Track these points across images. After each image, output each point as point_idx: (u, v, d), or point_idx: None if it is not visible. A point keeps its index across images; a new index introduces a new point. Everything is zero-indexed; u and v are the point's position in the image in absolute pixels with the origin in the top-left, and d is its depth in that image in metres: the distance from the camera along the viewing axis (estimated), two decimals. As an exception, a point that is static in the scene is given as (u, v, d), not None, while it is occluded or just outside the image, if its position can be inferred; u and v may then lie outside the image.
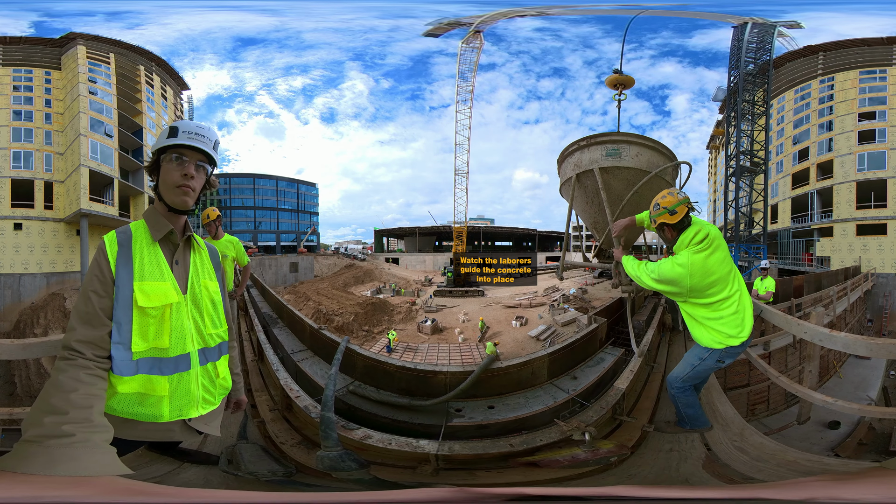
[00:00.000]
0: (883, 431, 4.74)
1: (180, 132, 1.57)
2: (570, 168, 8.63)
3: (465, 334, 19.29)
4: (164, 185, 1.56)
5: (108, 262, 1.45)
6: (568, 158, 8.75)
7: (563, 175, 9.08)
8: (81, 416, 1.12)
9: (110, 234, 1.53)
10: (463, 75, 36.72)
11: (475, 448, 2.32)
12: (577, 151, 8.44)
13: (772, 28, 24.93)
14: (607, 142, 8.04)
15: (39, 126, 26.44)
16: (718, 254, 2.62)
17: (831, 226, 26.30)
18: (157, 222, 1.58)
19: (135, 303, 1.45)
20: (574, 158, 8.50)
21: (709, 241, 2.60)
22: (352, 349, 3.73)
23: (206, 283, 1.68)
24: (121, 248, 1.49)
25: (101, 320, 1.39)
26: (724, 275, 2.62)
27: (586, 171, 8.19)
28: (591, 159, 8.12)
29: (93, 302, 1.39)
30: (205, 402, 1.64)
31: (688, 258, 2.58)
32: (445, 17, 32.51)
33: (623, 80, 12.35)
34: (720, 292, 2.61)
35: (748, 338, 2.64)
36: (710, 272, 2.58)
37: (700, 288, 2.58)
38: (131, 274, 1.47)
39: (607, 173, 7.99)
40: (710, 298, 2.61)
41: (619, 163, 7.93)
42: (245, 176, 52.80)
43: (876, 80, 26.04)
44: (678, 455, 2.45)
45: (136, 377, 1.45)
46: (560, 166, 9.25)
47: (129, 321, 1.44)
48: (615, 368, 3.98)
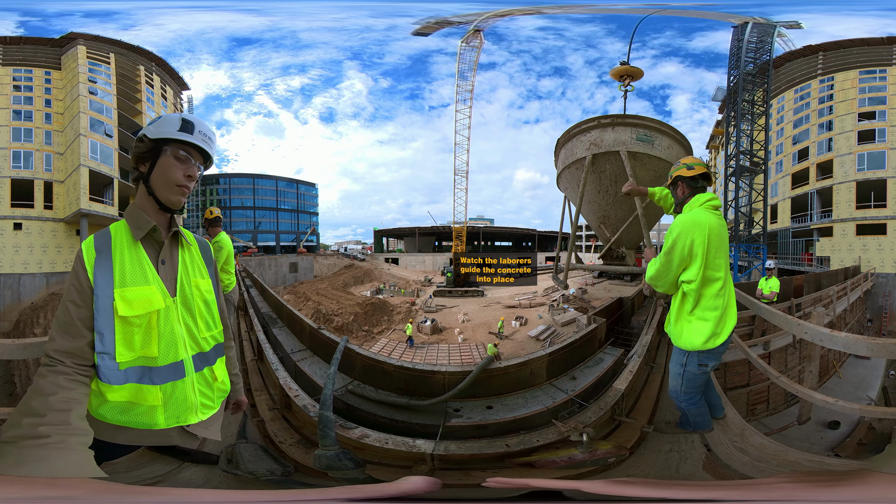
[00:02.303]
0: (883, 431, 4.74)
1: (196, 130, 1.48)
2: (581, 148, 7.32)
3: (465, 334, 19.29)
4: (162, 180, 1.45)
5: (85, 270, 1.37)
6: (578, 137, 7.42)
7: (570, 157, 7.70)
8: (59, 419, 1.13)
9: (88, 239, 1.43)
10: (462, 74, 36.73)
11: (471, 448, 2.32)
12: (596, 129, 7.09)
13: (771, 28, 24.92)
14: (638, 125, 6.78)
15: (39, 126, 26.45)
16: (726, 234, 2.52)
17: (831, 226, 26.29)
18: (138, 219, 1.47)
19: (115, 312, 1.35)
20: (590, 137, 7.15)
21: (721, 214, 2.53)
22: (351, 349, 3.73)
23: (197, 282, 1.57)
24: (99, 255, 1.39)
25: (78, 331, 1.33)
26: (727, 259, 2.49)
27: (607, 153, 6.82)
28: (617, 140, 6.80)
29: (70, 312, 1.33)
30: (203, 407, 1.56)
31: (704, 214, 2.45)
32: (434, 16, 32.36)
33: (631, 70, 11.87)
34: (720, 273, 2.45)
35: (728, 338, 2.49)
36: (723, 240, 2.45)
37: (712, 255, 2.42)
38: (111, 280, 1.37)
39: (636, 160, 6.78)
40: (715, 272, 2.44)
41: (651, 150, 6.80)
42: (245, 176, 52.78)
43: (876, 79, 26.04)
44: (678, 456, 2.45)
45: (126, 386, 1.38)
46: (561, 149, 7.99)
47: (112, 331, 1.35)
48: (614, 369, 3.98)
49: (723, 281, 2.47)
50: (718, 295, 2.46)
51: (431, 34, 33.78)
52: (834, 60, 27.94)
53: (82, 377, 1.31)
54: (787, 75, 30.28)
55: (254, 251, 43.48)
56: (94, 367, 1.36)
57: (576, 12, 47.16)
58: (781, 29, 25.90)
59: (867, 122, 25.76)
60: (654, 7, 25.09)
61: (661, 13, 25.74)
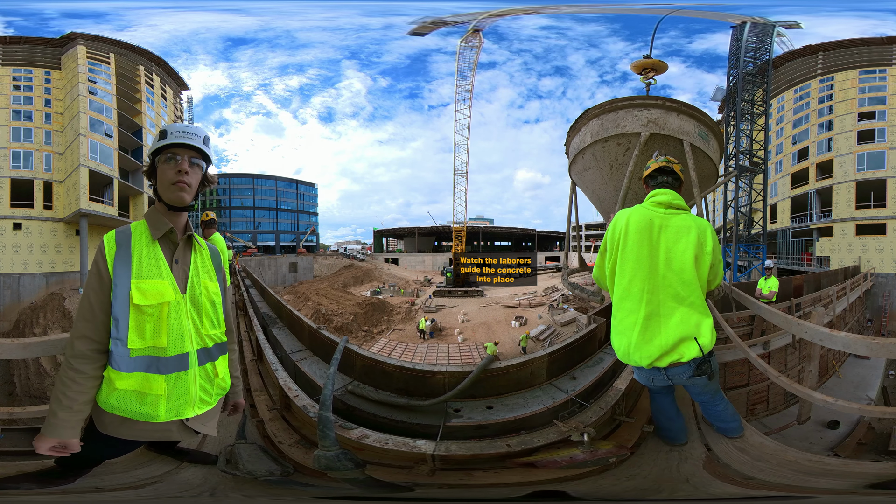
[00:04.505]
0: (882, 431, 4.74)
1: (169, 133, 1.63)
2: (633, 122, 6.62)
3: (465, 334, 19.29)
4: (161, 184, 1.61)
5: (105, 261, 1.53)
6: (630, 111, 6.77)
7: (609, 130, 6.76)
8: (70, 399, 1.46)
9: (110, 233, 1.59)
10: (462, 74, 36.74)
11: (472, 448, 2.32)
12: (659, 109, 6.46)
13: (771, 28, 24.93)
14: (701, 119, 6.18)
15: (39, 126, 26.42)
16: (657, 230, 2.10)
17: (831, 225, 26.30)
18: (157, 221, 1.62)
19: (131, 300, 1.49)
20: (649, 114, 6.55)
21: (666, 207, 2.15)
22: (350, 349, 3.72)
23: (205, 283, 1.70)
24: (119, 248, 1.55)
25: (96, 315, 1.50)
26: (641, 261, 2.08)
27: (667, 137, 6.06)
28: (682, 128, 6.18)
29: (90, 298, 1.51)
30: (201, 402, 1.65)
31: (632, 210, 2.18)
32: (430, 16, 32.28)
33: (655, 64, 11.52)
34: (625, 276, 2.09)
35: (648, 367, 2.08)
36: (642, 238, 2.08)
37: (620, 254, 2.11)
38: (129, 272, 1.52)
39: (695, 155, 6.17)
40: (621, 275, 2.12)
41: (707, 149, 6.41)
42: (244, 176, 52.75)
43: (876, 79, 26.05)
44: (678, 455, 2.45)
45: (134, 374, 1.50)
46: (590, 121, 6.95)
47: (127, 318, 1.49)
48: (614, 368, 3.97)
49: (625, 284, 2.11)
50: (621, 299, 2.14)
51: (428, 34, 33.72)
52: (834, 60, 27.95)
53: (97, 366, 1.52)
54: (787, 75, 30.29)
55: (253, 251, 43.46)
56: (108, 353, 1.52)
57: (575, 12, 47.09)
58: (780, 29, 25.90)
59: (867, 122, 25.77)
60: (660, 7, 25.02)
61: (675, 14, 25.62)
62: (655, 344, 2.04)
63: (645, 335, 2.06)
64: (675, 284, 2.06)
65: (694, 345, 2.03)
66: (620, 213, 2.21)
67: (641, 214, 2.15)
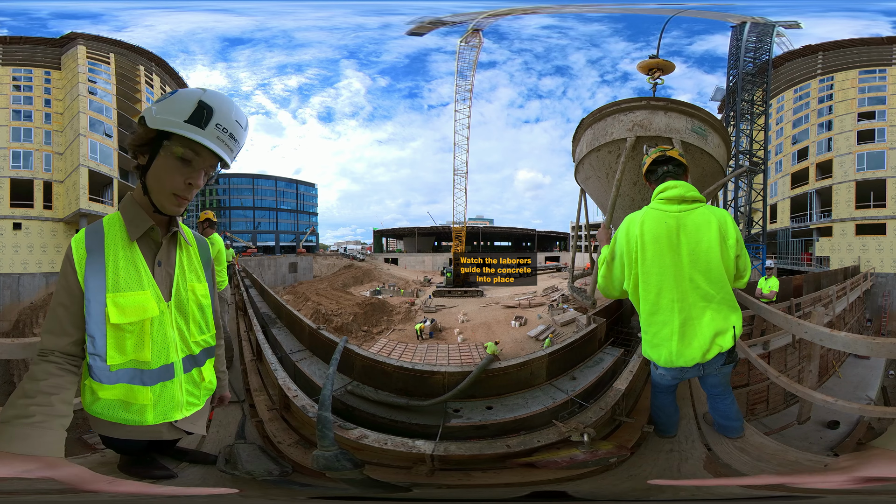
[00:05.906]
0: (882, 431, 4.73)
1: (213, 124, 1.25)
2: (618, 128, 6.58)
3: (465, 334, 19.29)
4: (158, 183, 1.30)
5: (74, 271, 1.27)
6: (616, 116, 6.68)
7: (600, 139, 6.82)
8: (45, 401, 1.17)
9: (79, 234, 1.31)
10: (462, 73, 36.72)
11: (471, 449, 2.31)
12: (643, 110, 6.44)
13: (771, 28, 24.94)
14: (694, 115, 6.06)
15: (39, 126, 26.42)
16: (675, 232, 1.98)
17: (830, 225, 26.31)
18: (135, 217, 1.34)
19: (107, 319, 1.28)
20: (634, 117, 6.49)
21: (677, 204, 2.02)
22: (350, 349, 3.72)
23: (193, 285, 1.50)
24: (90, 254, 1.28)
25: (66, 331, 1.28)
26: (664, 268, 1.99)
27: (655, 139, 6.07)
28: (670, 126, 6.10)
29: (58, 315, 1.28)
30: (189, 404, 1.56)
31: (644, 212, 2.06)
32: (428, 16, 32.22)
33: (662, 64, 11.41)
34: (650, 285, 2.01)
35: (671, 367, 2.08)
36: (659, 242, 1.98)
37: (640, 260, 2.00)
38: (103, 284, 1.28)
39: (689, 152, 5.86)
40: (646, 284, 2.02)
41: (704, 146, 6.10)
42: (244, 176, 52.73)
43: (875, 79, 26.06)
44: (679, 455, 2.44)
45: (117, 386, 1.35)
46: (585, 131, 7.11)
47: (104, 335, 1.29)
48: (614, 369, 3.97)
49: (653, 299, 2.04)
50: (651, 314, 2.07)
51: (426, 34, 33.67)
52: (833, 60, 27.95)
53: (72, 367, 1.30)
54: (787, 75, 30.28)
55: (253, 251, 43.45)
56: (83, 359, 1.34)
57: (574, 11, 47.04)
58: (780, 29, 25.91)
59: (867, 122, 25.77)
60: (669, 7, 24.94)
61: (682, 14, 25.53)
62: (695, 346, 2.02)
63: (683, 341, 2.03)
64: (703, 285, 2.00)
65: (730, 334, 2.02)
66: (631, 221, 2.09)
67: (654, 219, 2.04)
